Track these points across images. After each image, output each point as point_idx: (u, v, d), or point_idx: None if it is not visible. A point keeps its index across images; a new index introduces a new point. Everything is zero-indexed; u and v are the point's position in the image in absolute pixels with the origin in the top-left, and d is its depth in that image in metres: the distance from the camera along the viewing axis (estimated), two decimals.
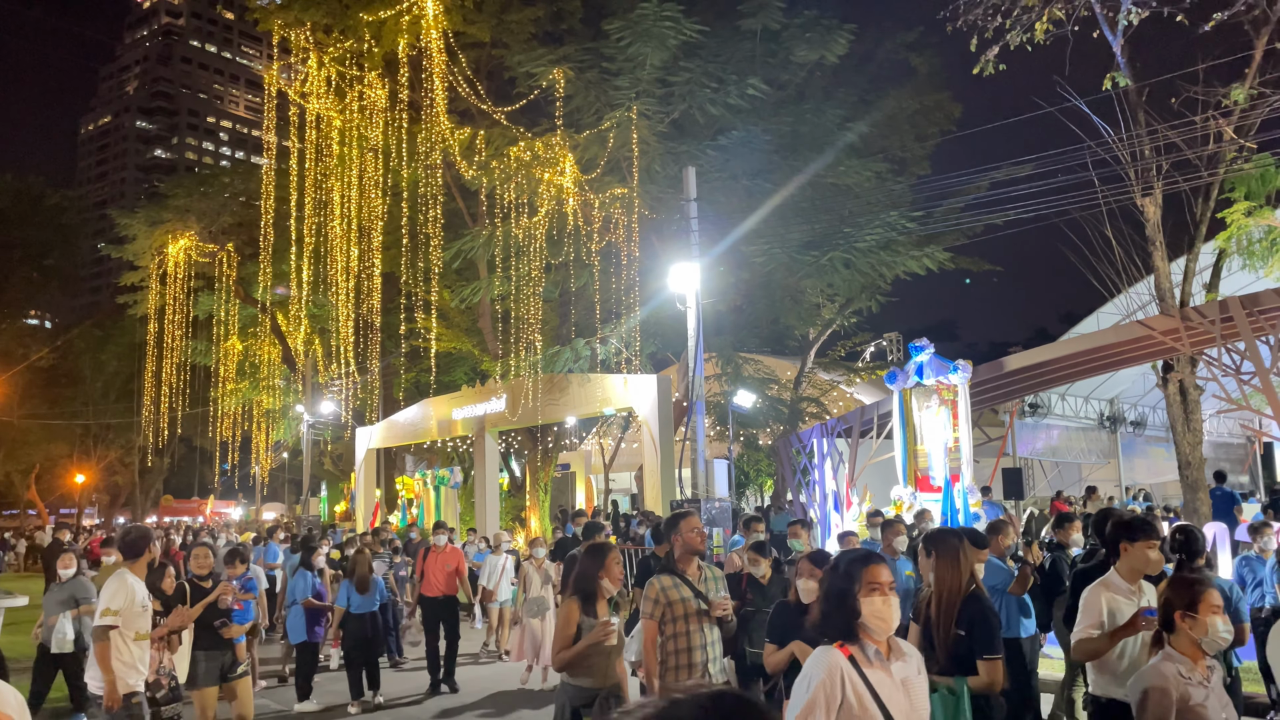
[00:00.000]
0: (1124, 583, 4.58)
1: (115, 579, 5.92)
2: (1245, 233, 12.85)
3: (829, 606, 3.22)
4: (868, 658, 3.10)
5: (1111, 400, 28.23)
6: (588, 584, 4.99)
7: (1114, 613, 4.46)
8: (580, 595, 4.96)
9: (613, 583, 5.02)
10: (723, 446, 23.38)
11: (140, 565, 6.04)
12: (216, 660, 7.30)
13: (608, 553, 5.12)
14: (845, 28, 18.58)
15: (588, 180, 17.92)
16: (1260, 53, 13.62)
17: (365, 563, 10.16)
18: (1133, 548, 4.60)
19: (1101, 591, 4.56)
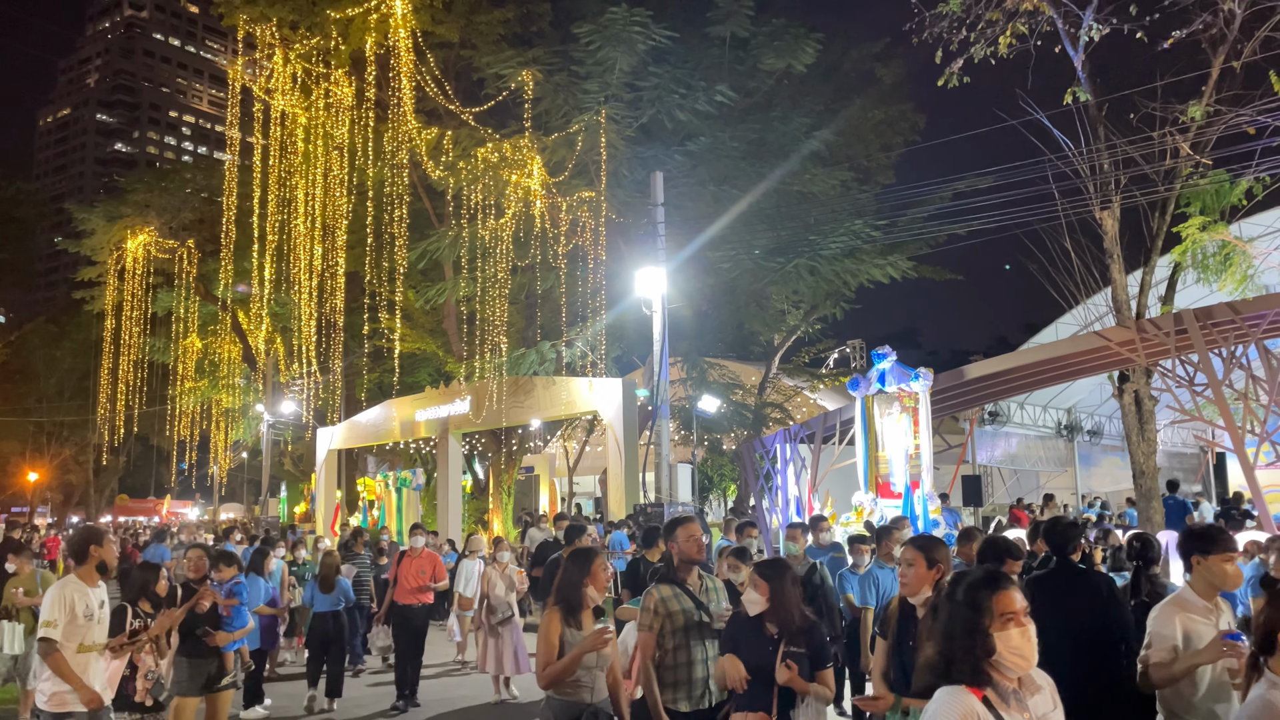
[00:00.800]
0: (1200, 600, 4.14)
1: (55, 587, 5.51)
2: (1200, 247, 13.12)
3: (954, 647, 2.62)
4: (1004, 699, 2.59)
5: (1069, 409, 28.69)
6: (571, 592, 4.61)
7: (1190, 635, 4.02)
8: (563, 605, 4.59)
9: (598, 591, 4.67)
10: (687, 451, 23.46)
11: (87, 569, 5.55)
12: (201, 669, 6.96)
13: (593, 559, 4.76)
14: (813, 37, 18.76)
15: (555, 183, 17.91)
16: (1217, 71, 13.92)
17: (331, 563, 10.20)
18: (1207, 561, 4.15)
19: (1175, 611, 4.12)
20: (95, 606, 5.52)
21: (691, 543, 4.99)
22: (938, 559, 4.24)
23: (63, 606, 5.37)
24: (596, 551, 4.94)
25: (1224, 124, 13.29)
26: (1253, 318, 11.85)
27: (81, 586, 5.50)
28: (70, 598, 5.41)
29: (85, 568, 5.58)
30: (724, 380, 23.35)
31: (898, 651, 4.12)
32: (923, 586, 4.14)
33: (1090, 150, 14.06)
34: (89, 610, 5.46)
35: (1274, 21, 13.87)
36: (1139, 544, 6.26)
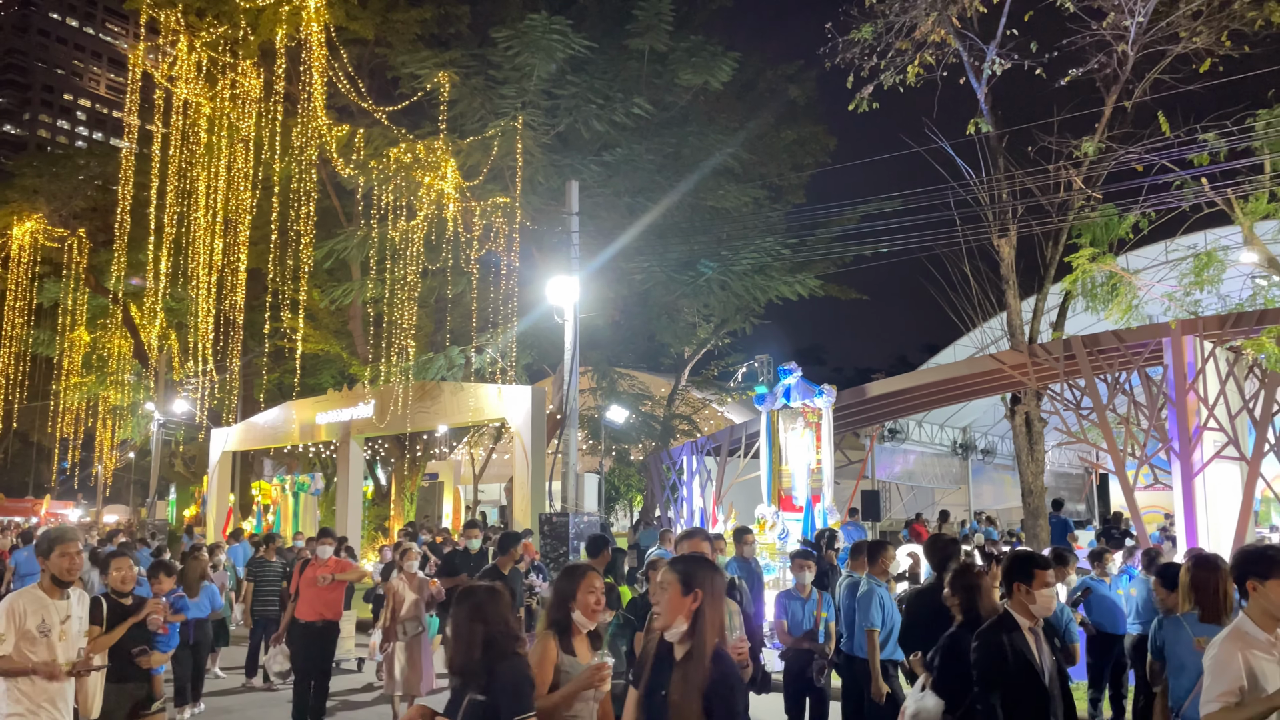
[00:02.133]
0: (1261, 633, 3.59)
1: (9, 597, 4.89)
2: (1089, 277, 13.72)
3: None
4: None
5: (964, 429, 29.68)
6: (561, 614, 4.08)
7: (1255, 673, 3.47)
8: (555, 628, 4.06)
9: (586, 615, 4.08)
10: (594, 461, 23.45)
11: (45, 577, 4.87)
12: (129, 695, 6.08)
13: (581, 577, 4.15)
14: (729, 56, 19.03)
15: (469, 187, 17.71)
16: (1109, 110, 14.64)
17: (197, 567, 9.76)
18: (1265, 587, 3.64)
19: (1237, 647, 3.54)
20: (55, 622, 4.79)
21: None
22: (696, 584, 3.29)
23: (11, 618, 4.69)
24: (588, 568, 4.25)
25: (1114, 161, 13.96)
26: (1136, 346, 12.46)
27: (38, 597, 4.82)
28: (22, 609, 4.75)
29: (45, 576, 4.91)
30: (634, 391, 23.43)
31: (648, 702, 3.31)
32: (677, 617, 3.26)
33: (990, 180, 14.61)
34: (45, 625, 4.75)
35: (1163, 65, 14.66)
36: None
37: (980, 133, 15.00)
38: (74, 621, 4.95)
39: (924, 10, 14.75)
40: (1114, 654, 8.47)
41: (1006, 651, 4.04)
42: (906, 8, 14.86)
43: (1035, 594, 4.17)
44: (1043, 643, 4.19)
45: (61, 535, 5.03)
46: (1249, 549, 3.98)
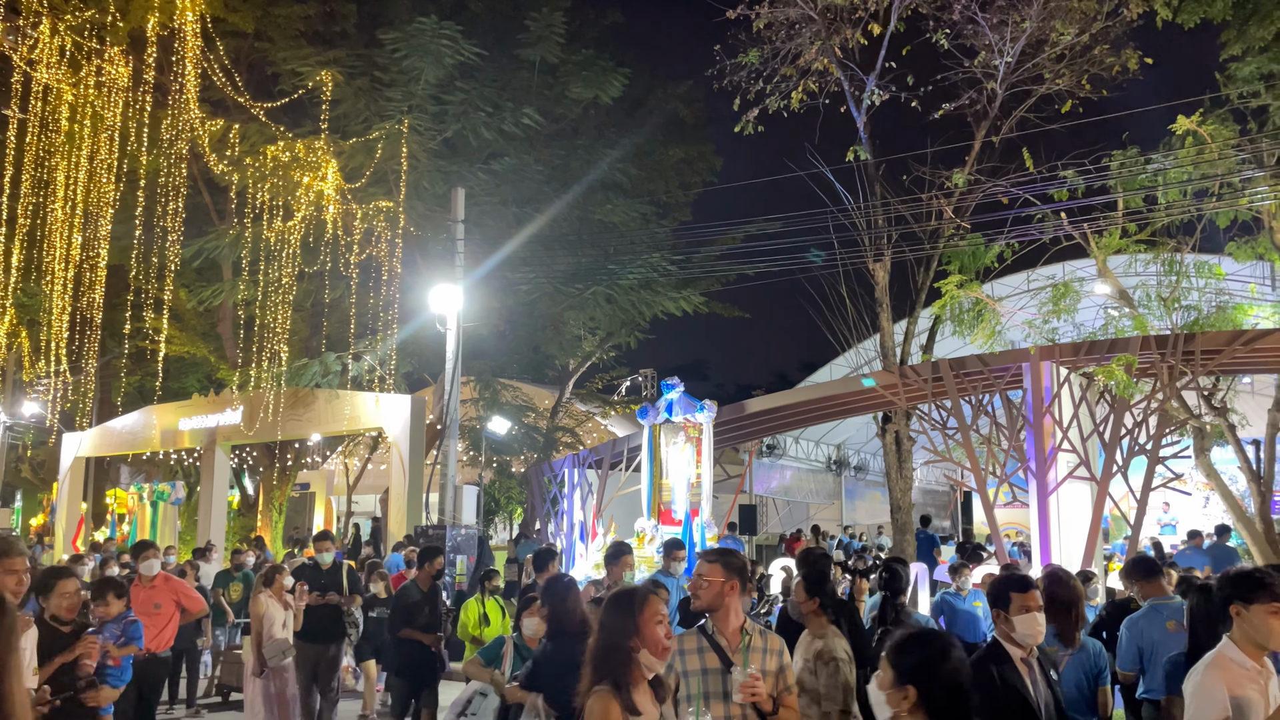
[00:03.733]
0: (1247, 660, 3.44)
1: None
2: (957, 303, 14.35)
3: None
4: None
5: (839, 445, 30.55)
6: (619, 661, 3.06)
7: (1241, 703, 3.34)
8: (612, 682, 3.04)
9: (656, 654, 3.11)
10: (474, 472, 23.08)
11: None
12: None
13: (643, 606, 3.16)
14: (620, 71, 19.16)
15: (351, 189, 17.25)
16: (979, 143, 15.39)
17: None
18: (1248, 611, 3.47)
19: (1219, 674, 3.42)
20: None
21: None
22: None
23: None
24: (648, 591, 3.26)
25: (982, 193, 14.67)
26: (998, 370, 13.08)
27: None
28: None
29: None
30: (517, 402, 23.20)
31: None
32: None
33: (867, 206, 15.13)
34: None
35: (1029, 104, 15.51)
36: (887, 575, 6.73)
37: (859, 160, 15.53)
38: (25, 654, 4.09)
39: (808, 39, 15.22)
40: None
41: (996, 684, 3.67)
42: (791, 35, 15.30)
43: (1013, 620, 3.85)
44: (1037, 674, 3.84)
45: (5, 549, 4.25)
46: (1235, 571, 3.72)
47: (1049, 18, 14.40)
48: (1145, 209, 13.67)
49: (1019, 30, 14.57)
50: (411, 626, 8.15)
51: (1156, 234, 13.96)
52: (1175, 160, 13.36)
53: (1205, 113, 13.38)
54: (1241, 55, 13.05)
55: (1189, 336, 12.22)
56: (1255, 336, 12.01)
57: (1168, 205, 13.52)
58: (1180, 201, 13.49)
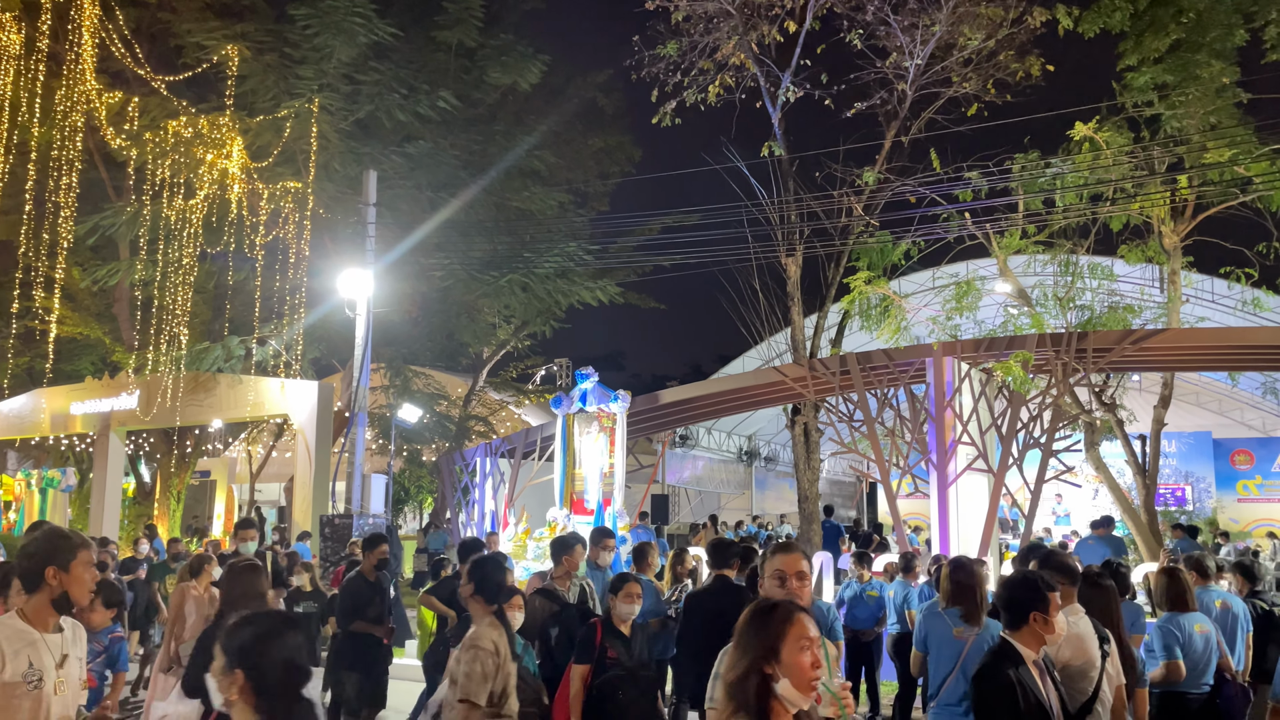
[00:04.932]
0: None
1: None
2: (865, 298, 14.70)
3: None
4: None
5: (750, 436, 30.99)
6: (754, 690, 2.48)
7: None
8: (746, 715, 2.47)
9: (801, 686, 2.49)
10: (383, 461, 22.69)
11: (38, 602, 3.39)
12: None
13: (784, 626, 2.55)
14: (540, 58, 19.00)
15: (257, 168, 16.72)
16: (889, 143, 15.76)
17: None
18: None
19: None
20: (48, 665, 3.31)
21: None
22: None
23: None
24: (793, 610, 2.59)
25: (891, 191, 15.03)
26: (903, 364, 13.43)
27: (22, 630, 3.31)
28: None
29: (36, 599, 3.36)
30: (429, 390, 22.88)
31: None
32: None
33: (780, 201, 15.36)
34: (33, 672, 3.26)
35: (937, 106, 15.95)
36: None
37: (773, 156, 15.75)
38: (73, 664, 3.44)
39: (725, 34, 15.35)
40: (870, 651, 9.22)
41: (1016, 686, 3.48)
42: (710, 29, 15.41)
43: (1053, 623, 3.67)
44: (1047, 677, 3.69)
45: (82, 539, 3.50)
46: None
47: (958, 23, 14.83)
48: (1044, 211, 14.21)
49: (929, 34, 14.96)
50: (362, 619, 7.88)
51: (1054, 235, 14.53)
52: (1073, 165, 13.91)
53: (1102, 120, 13.96)
54: (1137, 66, 13.64)
55: (1082, 335, 12.74)
56: (1143, 336, 12.60)
57: (1065, 208, 14.08)
58: (1077, 205, 14.05)
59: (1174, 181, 13.92)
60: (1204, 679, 5.48)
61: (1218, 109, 13.28)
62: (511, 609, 5.08)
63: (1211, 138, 13.32)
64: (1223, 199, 13.70)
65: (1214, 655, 5.55)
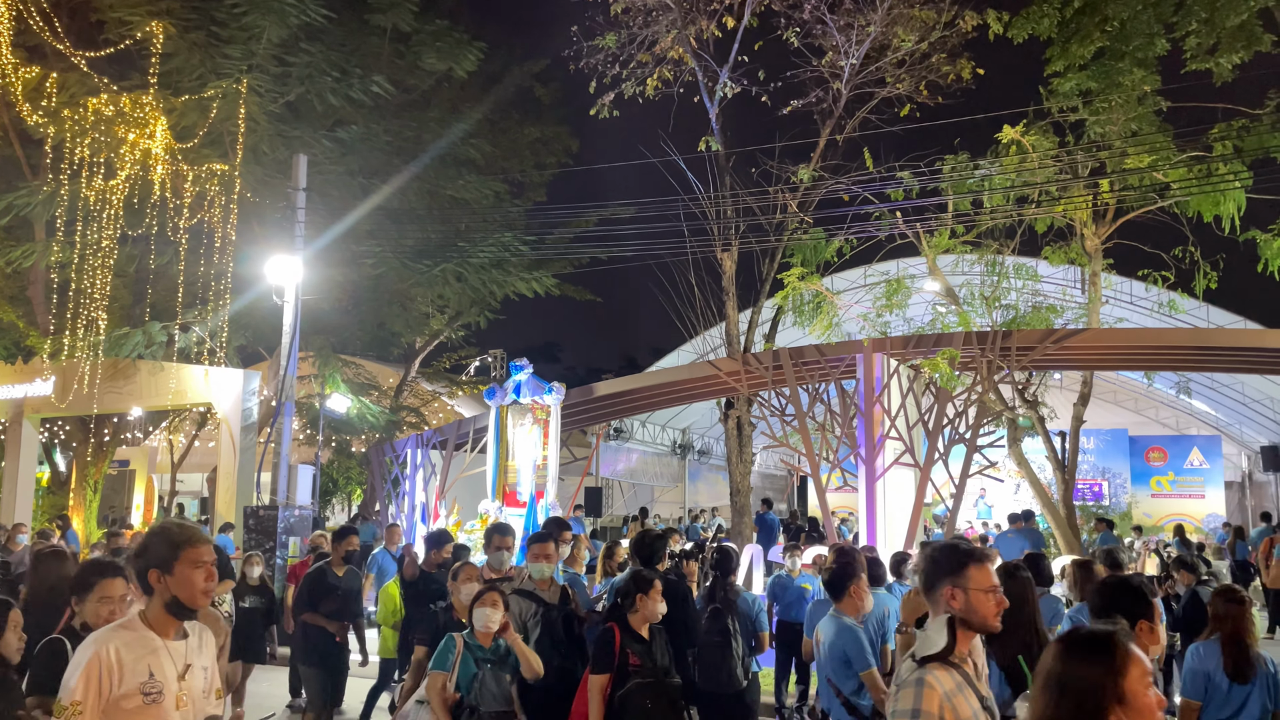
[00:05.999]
0: None
1: (85, 643, 3.01)
2: (798, 294, 14.87)
3: None
4: None
5: (684, 430, 31.14)
6: None
7: None
8: None
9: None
10: (311, 451, 22.25)
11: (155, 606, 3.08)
12: None
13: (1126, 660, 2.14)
14: (476, 45, 18.77)
15: (182, 149, 16.23)
16: (824, 141, 15.94)
17: None
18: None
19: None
20: (170, 676, 3.01)
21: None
22: None
23: (92, 678, 2.88)
24: (1113, 635, 2.18)
25: (825, 189, 15.21)
26: (834, 360, 13.62)
27: (144, 637, 3.02)
28: (113, 659, 2.91)
29: (153, 604, 3.06)
30: (360, 380, 22.50)
31: None
32: None
33: (716, 196, 15.43)
34: (154, 684, 2.95)
35: (871, 106, 16.17)
36: (718, 555, 6.93)
37: (710, 150, 15.81)
38: (197, 675, 3.13)
39: (664, 27, 15.35)
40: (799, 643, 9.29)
41: None
42: (648, 22, 15.40)
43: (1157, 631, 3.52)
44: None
45: (188, 535, 3.11)
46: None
47: (892, 24, 15.06)
48: (972, 212, 14.52)
49: (864, 34, 15.16)
50: (314, 611, 7.59)
51: (981, 236, 14.86)
52: (1000, 167, 14.24)
53: (1029, 124, 14.31)
54: (1063, 72, 14.00)
55: (1006, 334, 13.06)
56: (1064, 336, 12.97)
57: (992, 209, 14.40)
58: (1003, 206, 14.39)
59: (1096, 185, 14.34)
60: None
61: (1139, 116, 13.70)
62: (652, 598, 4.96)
63: (1132, 144, 13.74)
64: (1142, 204, 14.15)
65: None
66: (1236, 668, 4.53)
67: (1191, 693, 4.67)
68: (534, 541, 5.79)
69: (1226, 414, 28.13)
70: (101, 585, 3.98)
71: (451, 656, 4.88)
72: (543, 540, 5.77)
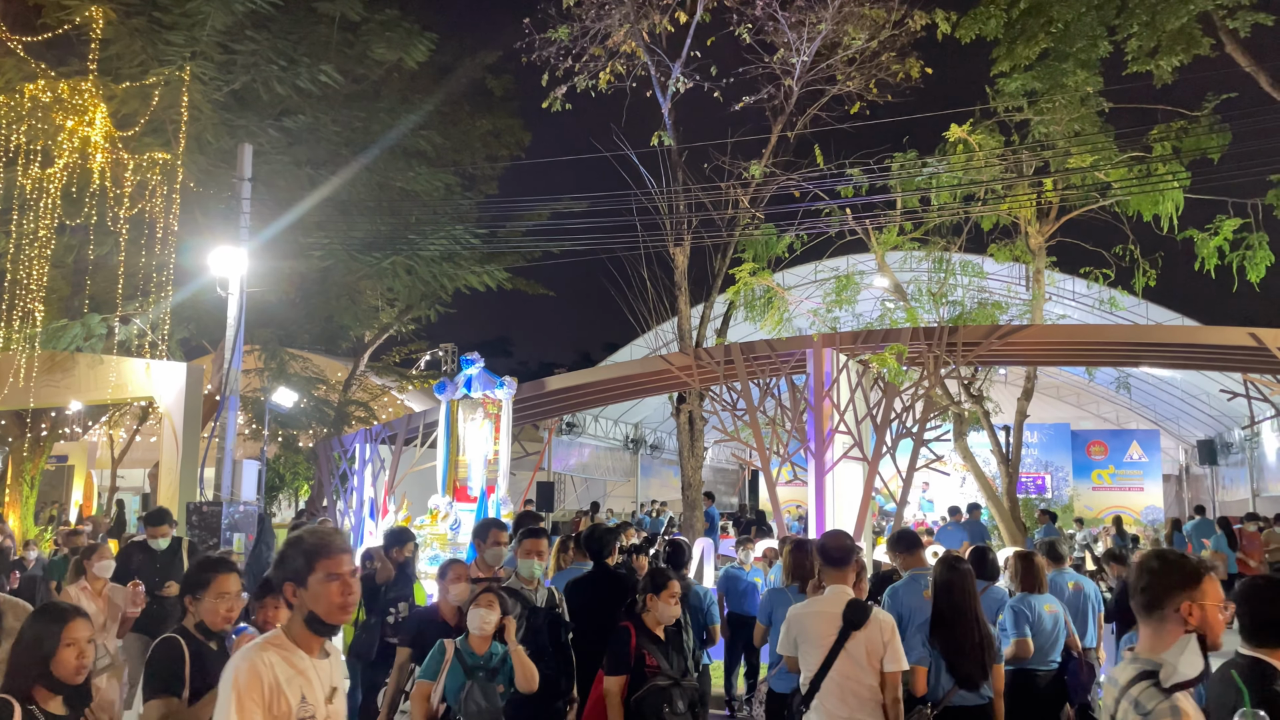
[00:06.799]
0: None
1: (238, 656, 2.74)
2: (750, 290, 14.95)
3: None
4: None
5: (636, 424, 31.18)
6: None
7: None
8: None
9: None
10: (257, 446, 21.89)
11: (295, 620, 2.85)
12: None
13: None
14: (427, 35, 18.55)
15: (122, 137, 15.83)
16: (775, 138, 16.04)
17: None
18: None
19: None
20: (320, 699, 2.77)
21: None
22: None
23: (249, 700, 2.61)
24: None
25: (776, 185, 15.31)
26: (785, 355, 13.73)
27: (293, 655, 2.76)
28: (271, 678, 2.66)
29: (294, 619, 2.81)
30: (307, 374, 22.17)
31: None
32: None
33: (669, 191, 15.46)
34: (307, 707, 2.70)
35: (821, 103, 16.30)
36: (671, 549, 6.96)
37: (663, 145, 15.83)
38: (340, 700, 2.88)
39: (617, 21, 15.32)
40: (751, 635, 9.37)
41: None
42: (601, 16, 15.35)
43: None
44: None
45: (323, 543, 2.83)
46: None
47: (842, 22, 15.19)
48: (920, 209, 14.72)
49: (815, 31, 15.27)
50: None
51: (929, 233, 15.08)
52: (947, 166, 14.45)
53: (975, 123, 14.54)
54: (1009, 72, 14.25)
55: (953, 330, 13.27)
56: (1009, 332, 13.21)
57: (940, 207, 14.62)
58: (950, 204, 14.61)
59: (1040, 184, 14.62)
60: (1051, 656, 5.79)
61: (1081, 117, 13.99)
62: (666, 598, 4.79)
63: (1075, 144, 14.03)
64: (1084, 203, 14.46)
65: (1062, 634, 5.86)
66: None
67: None
68: (527, 537, 5.52)
69: (1164, 409, 28.90)
70: (217, 581, 3.89)
71: (440, 664, 4.55)
72: (535, 536, 5.53)
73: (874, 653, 4.31)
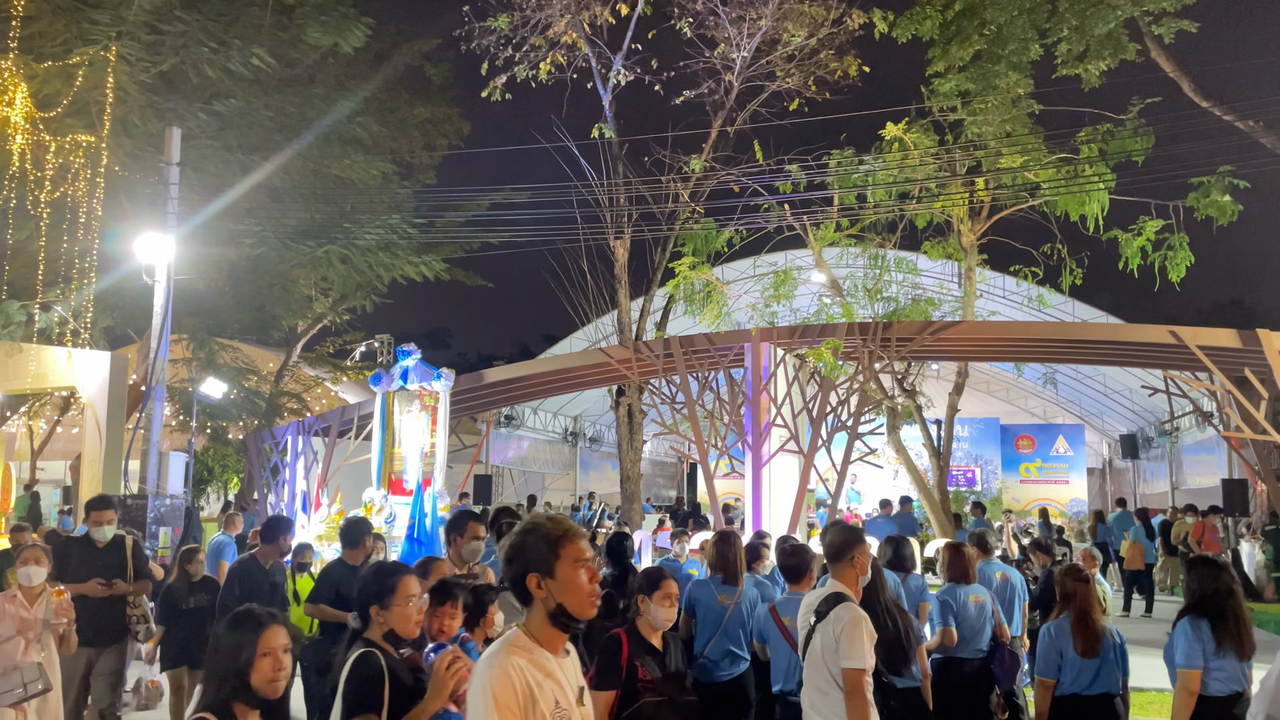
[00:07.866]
0: None
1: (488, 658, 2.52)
2: (689, 283, 15.02)
3: None
4: None
5: (576, 417, 31.11)
6: None
7: None
8: None
9: None
10: (184, 438, 21.36)
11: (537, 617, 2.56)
12: None
13: None
14: (363, 21, 18.22)
15: (44, 118, 15.26)
16: (715, 132, 16.12)
17: None
18: None
19: None
20: (572, 703, 2.53)
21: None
22: None
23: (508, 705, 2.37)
24: None
25: (716, 180, 15.39)
26: (723, 349, 13.82)
27: (542, 658, 2.52)
28: (525, 683, 2.42)
29: (535, 615, 2.56)
30: (237, 364, 21.65)
31: None
32: None
33: (609, 184, 15.44)
34: (562, 712, 2.47)
35: (761, 99, 16.43)
36: (613, 540, 6.97)
37: (604, 138, 15.80)
38: (588, 698, 2.71)
39: (558, 11, 15.24)
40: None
41: None
42: (542, 5, 15.25)
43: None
44: None
45: (565, 529, 2.61)
46: None
47: (782, 19, 15.31)
48: (856, 206, 14.94)
49: (755, 27, 15.37)
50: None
51: (865, 230, 15.31)
52: (883, 164, 14.68)
53: (910, 122, 14.79)
54: (944, 72, 14.52)
55: (887, 325, 13.49)
56: (941, 327, 13.47)
57: (875, 204, 14.85)
58: (886, 202, 14.85)
59: (972, 184, 14.93)
60: (977, 644, 5.93)
61: (1013, 118, 14.32)
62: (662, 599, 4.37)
63: (1006, 144, 14.36)
64: (1014, 202, 14.82)
65: (989, 623, 6.00)
66: (1085, 643, 4.78)
67: (1046, 671, 4.91)
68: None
69: (1089, 404, 29.78)
70: (403, 584, 3.62)
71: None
72: None
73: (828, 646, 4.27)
